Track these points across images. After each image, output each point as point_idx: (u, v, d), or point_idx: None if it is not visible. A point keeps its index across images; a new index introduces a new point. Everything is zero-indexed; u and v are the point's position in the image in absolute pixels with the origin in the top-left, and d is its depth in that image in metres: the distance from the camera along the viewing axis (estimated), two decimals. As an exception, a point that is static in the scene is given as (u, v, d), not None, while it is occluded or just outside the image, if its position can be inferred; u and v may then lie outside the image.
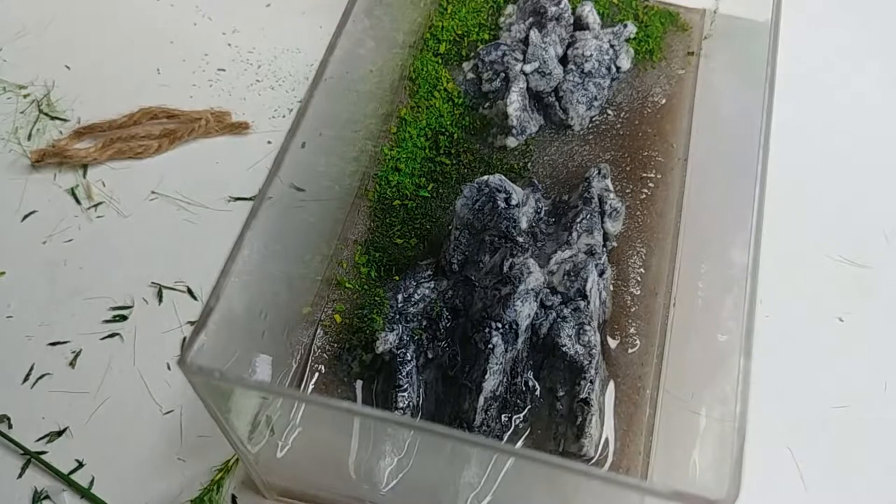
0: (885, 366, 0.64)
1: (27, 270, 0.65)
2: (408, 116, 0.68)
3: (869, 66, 0.80)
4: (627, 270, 0.62)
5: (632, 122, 0.70)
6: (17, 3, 0.80)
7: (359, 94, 0.64)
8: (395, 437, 0.49)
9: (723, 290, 0.51)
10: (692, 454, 0.48)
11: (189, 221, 0.68)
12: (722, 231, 0.57)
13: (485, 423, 0.54)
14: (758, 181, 0.50)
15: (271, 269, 0.52)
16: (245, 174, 0.71)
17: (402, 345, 0.56)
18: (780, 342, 0.64)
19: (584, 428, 0.54)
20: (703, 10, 0.76)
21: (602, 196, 0.63)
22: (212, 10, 0.81)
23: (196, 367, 0.42)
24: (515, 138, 0.67)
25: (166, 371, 0.61)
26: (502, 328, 0.54)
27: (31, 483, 0.57)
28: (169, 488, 0.56)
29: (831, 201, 0.71)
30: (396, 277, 0.60)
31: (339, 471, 0.51)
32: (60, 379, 0.61)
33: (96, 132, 0.72)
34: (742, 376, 0.43)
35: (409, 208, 0.64)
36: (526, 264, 0.57)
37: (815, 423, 0.61)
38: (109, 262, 0.66)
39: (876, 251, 0.69)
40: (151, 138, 0.72)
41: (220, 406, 0.45)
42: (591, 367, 0.55)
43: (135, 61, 0.77)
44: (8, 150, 0.71)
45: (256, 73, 0.77)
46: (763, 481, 0.58)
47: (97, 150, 0.71)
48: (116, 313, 0.63)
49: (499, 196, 0.60)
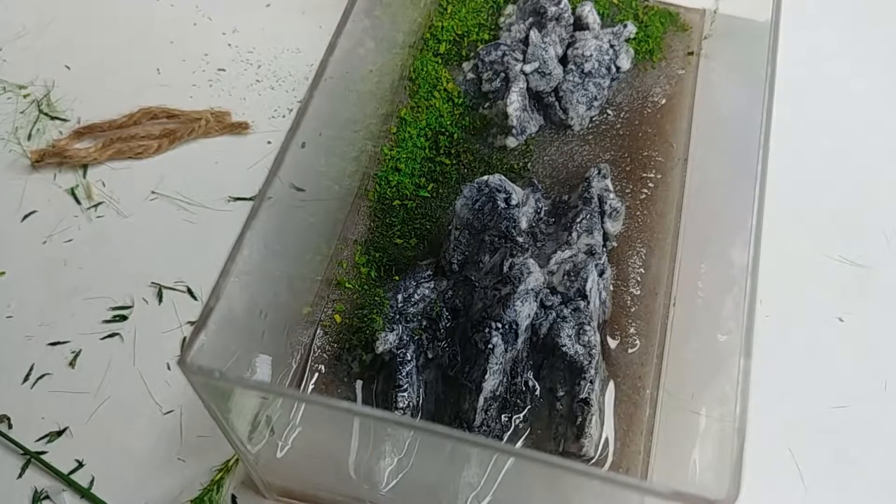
0: (885, 366, 0.64)
1: (27, 270, 0.65)
2: (408, 116, 0.68)
3: (869, 66, 0.80)
4: (627, 270, 0.62)
5: (632, 122, 0.70)
6: (17, 3, 0.80)
7: (359, 94, 0.64)
8: (395, 437, 0.49)
9: (723, 290, 0.51)
10: (692, 454, 0.48)
11: (189, 221, 0.68)
12: (722, 231, 0.57)
13: (485, 423, 0.54)
14: (758, 181, 0.50)
15: (271, 269, 0.52)
16: (245, 174, 0.71)
17: (402, 345, 0.56)
18: (780, 342, 0.64)
19: (584, 428, 0.54)
20: (703, 10, 0.76)
21: (602, 196, 0.63)
22: (212, 10, 0.81)
23: (196, 367, 0.42)
24: (515, 138, 0.67)
25: (166, 371, 0.61)
26: (502, 328, 0.54)
27: (31, 483, 0.57)
28: (169, 488, 0.56)
29: (831, 201, 0.71)
30: (396, 277, 0.60)
31: (339, 471, 0.51)
32: (60, 379, 0.61)
33: (96, 132, 0.72)
34: (742, 376, 0.43)
35: (409, 208, 0.64)
36: (526, 264, 0.57)
37: (815, 423, 0.61)
38: (109, 262, 0.66)
39: (876, 251, 0.69)
40: (151, 138, 0.72)
41: (219, 406, 0.45)
42: (591, 367, 0.55)
43: (135, 61, 0.77)
44: (8, 150, 0.71)
45: (256, 73, 0.77)
46: (763, 481, 0.58)
47: (97, 150, 0.71)
48: (116, 313, 0.63)
49: (499, 196, 0.60)
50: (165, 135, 0.72)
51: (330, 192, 0.62)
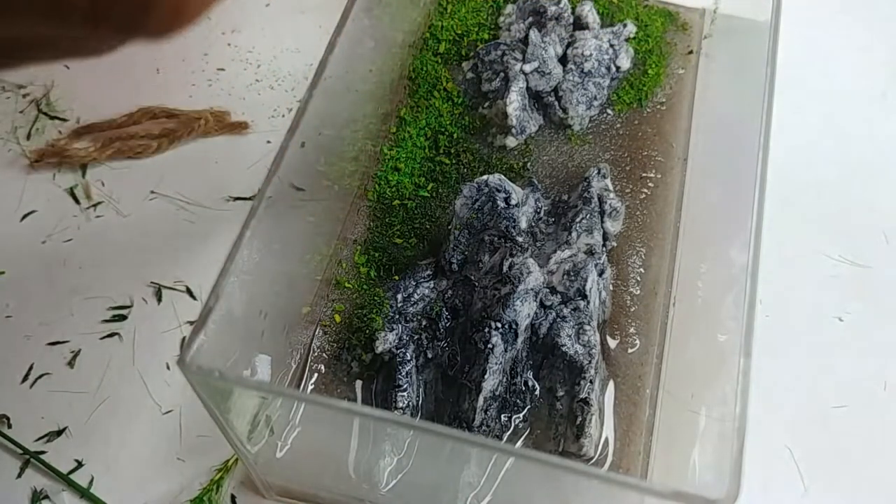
0: (885, 366, 0.64)
1: (26, 270, 0.65)
2: (407, 116, 0.68)
3: (869, 66, 0.80)
4: (627, 270, 0.62)
5: (632, 121, 0.70)
6: (16, 2, 0.80)
7: (358, 94, 0.64)
8: (395, 437, 0.49)
9: (723, 290, 0.51)
10: (692, 454, 0.48)
11: (188, 221, 0.68)
12: (722, 231, 0.57)
13: (484, 422, 0.54)
14: (758, 181, 0.50)
15: (271, 268, 0.52)
16: (244, 174, 0.71)
17: (401, 345, 0.56)
18: (780, 342, 0.64)
19: (584, 428, 0.53)
20: (702, 10, 0.76)
21: (602, 196, 0.63)
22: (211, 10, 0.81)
23: (195, 366, 0.42)
24: (515, 138, 0.67)
25: (166, 371, 0.61)
26: (502, 328, 0.54)
27: (30, 483, 0.57)
28: (168, 488, 0.56)
29: (831, 201, 0.71)
30: (396, 277, 0.60)
31: (339, 471, 0.51)
32: (59, 379, 0.60)
33: (95, 132, 0.72)
34: (742, 376, 0.43)
35: (409, 208, 0.64)
36: (525, 264, 0.57)
37: (815, 423, 0.61)
38: (108, 262, 0.66)
39: (876, 251, 0.69)
40: (151, 138, 0.72)
41: (219, 406, 0.45)
42: (591, 366, 0.55)
43: (134, 61, 0.77)
44: (7, 149, 0.71)
45: (256, 73, 0.77)
46: (763, 481, 0.58)
47: (96, 150, 0.71)
48: (116, 313, 0.63)
49: (498, 196, 0.60)
50: (165, 134, 0.72)
51: (329, 191, 0.62)
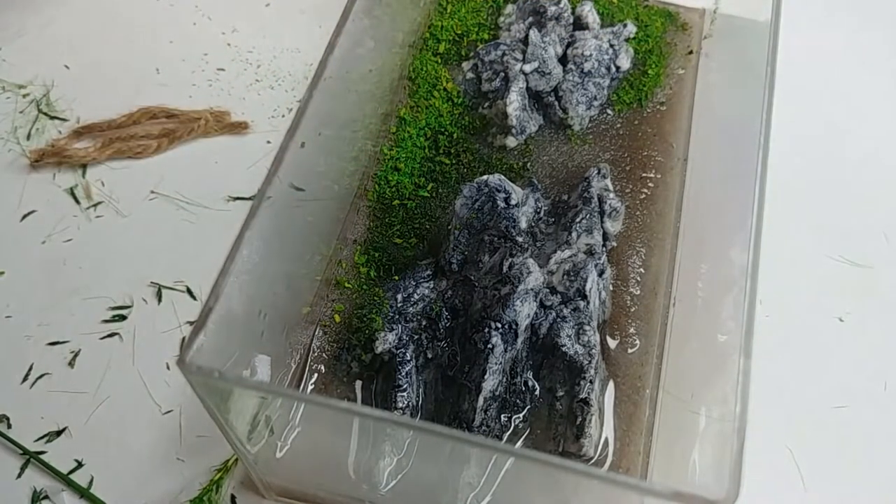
0: (885, 366, 0.64)
1: (26, 270, 0.65)
2: (407, 116, 0.68)
3: (869, 66, 0.80)
4: (627, 270, 0.62)
5: (631, 121, 0.70)
6: (17, 3, 0.80)
7: (358, 94, 0.64)
8: (395, 437, 0.49)
9: (723, 290, 0.51)
10: (692, 454, 0.48)
11: (188, 221, 0.68)
12: (722, 231, 0.57)
13: (484, 423, 0.54)
14: (758, 181, 0.50)
15: (270, 268, 0.52)
16: (244, 174, 0.71)
17: (401, 345, 0.56)
18: (780, 342, 0.64)
19: (584, 428, 0.53)
20: (702, 10, 0.76)
21: (602, 196, 0.63)
22: (211, 10, 0.81)
23: (195, 366, 0.42)
24: (515, 138, 0.67)
25: (165, 371, 0.61)
26: (502, 328, 0.54)
27: (30, 483, 0.57)
28: (168, 488, 0.56)
29: (831, 201, 0.71)
30: (396, 277, 0.60)
31: (339, 471, 0.51)
32: (59, 379, 0.60)
33: (95, 132, 0.72)
34: (742, 376, 0.43)
35: (409, 208, 0.64)
36: (525, 264, 0.57)
37: (815, 423, 0.61)
38: (108, 262, 0.66)
39: (876, 251, 0.69)
40: (151, 138, 0.72)
41: (219, 406, 0.45)
42: (591, 367, 0.55)
43: (134, 61, 0.77)
44: (7, 149, 0.71)
45: (256, 73, 0.77)
46: (763, 481, 0.58)
47: (96, 150, 0.71)
48: (115, 313, 0.63)
49: (498, 196, 0.60)
50: (165, 134, 0.72)
51: (329, 191, 0.62)
